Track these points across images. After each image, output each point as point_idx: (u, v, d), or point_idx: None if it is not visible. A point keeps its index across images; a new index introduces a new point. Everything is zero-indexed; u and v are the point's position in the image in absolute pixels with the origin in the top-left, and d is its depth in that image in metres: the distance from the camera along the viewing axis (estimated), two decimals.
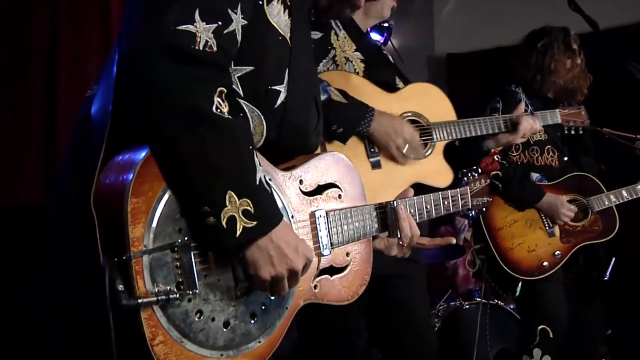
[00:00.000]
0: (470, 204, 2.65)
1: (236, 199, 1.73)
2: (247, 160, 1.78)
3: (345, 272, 2.19)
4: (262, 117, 1.96)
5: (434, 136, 3.24)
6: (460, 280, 6.49)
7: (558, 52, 4.35)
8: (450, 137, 3.27)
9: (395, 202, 2.35)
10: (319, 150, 2.26)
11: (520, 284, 4.18)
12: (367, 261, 2.27)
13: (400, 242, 2.32)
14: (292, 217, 2.03)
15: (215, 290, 1.84)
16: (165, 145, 1.72)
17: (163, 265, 1.75)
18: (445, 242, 2.54)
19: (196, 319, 1.80)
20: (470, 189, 2.65)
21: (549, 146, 4.28)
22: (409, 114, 3.26)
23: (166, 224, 1.76)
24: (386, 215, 2.31)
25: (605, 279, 4.44)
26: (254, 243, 1.79)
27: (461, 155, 3.30)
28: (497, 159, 3.36)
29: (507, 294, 4.49)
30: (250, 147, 1.80)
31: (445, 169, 3.27)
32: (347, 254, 2.20)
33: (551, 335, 4.06)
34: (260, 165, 1.82)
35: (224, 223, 1.72)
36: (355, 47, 3.26)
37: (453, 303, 5.46)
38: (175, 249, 1.76)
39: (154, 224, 1.75)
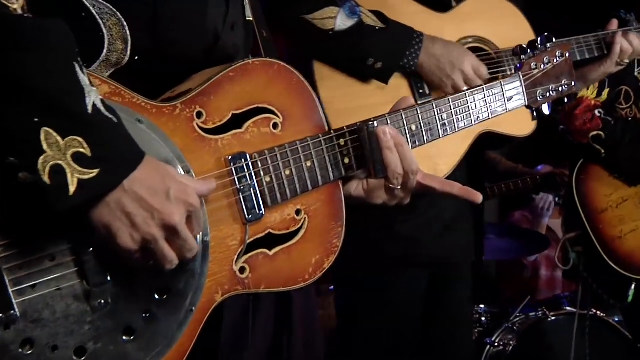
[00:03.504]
0: (525, 99, 1.87)
1: (58, 137, 1.32)
2: (67, 76, 1.36)
3: (296, 238, 1.67)
4: (119, 14, 1.54)
5: (507, 68, 2.81)
6: (544, 284, 5.61)
7: None
8: None
9: (374, 122, 1.71)
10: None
11: (633, 287, 3.50)
12: (336, 217, 1.73)
13: (390, 185, 1.75)
14: (189, 171, 1.53)
15: (53, 303, 1.42)
16: None
17: None
18: (465, 193, 1.79)
19: (22, 351, 1.39)
20: (524, 74, 1.86)
21: None
22: (470, 40, 2.85)
23: None
24: (362, 145, 1.73)
25: None
26: (102, 201, 1.38)
27: None
28: (598, 114, 2.87)
29: (614, 301, 3.69)
30: (72, 61, 1.38)
31: (524, 113, 2.65)
32: (298, 212, 1.68)
33: None
34: (93, 86, 1.39)
35: (45, 178, 1.31)
36: None
37: (534, 314, 4.59)
38: None
39: None
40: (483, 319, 4.65)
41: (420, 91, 2.66)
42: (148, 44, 1.58)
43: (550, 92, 1.99)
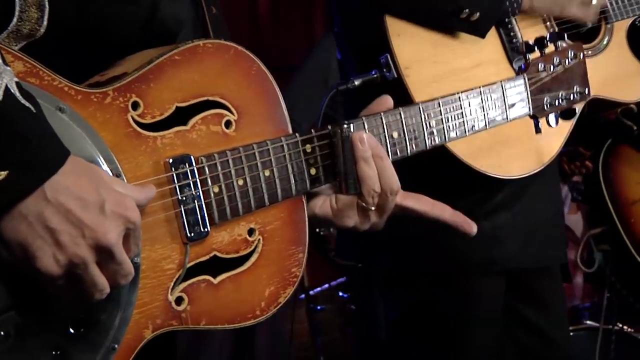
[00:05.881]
0: (530, 107, 1.77)
1: None
2: None
3: (248, 264, 1.52)
4: None
5: (611, 13, 2.63)
6: None
7: None
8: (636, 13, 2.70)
9: (349, 126, 1.57)
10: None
11: None
12: (297, 240, 1.58)
13: (363, 204, 1.59)
14: (119, 174, 1.38)
15: None
16: None
17: None
18: (458, 219, 1.64)
19: None
20: (529, 77, 1.77)
21: None
22: None
23: None
24: (332, 153, 1.59)
25: None
26: (16, 213, 1.24)
27: None
28: None
29: None
30: None
31: (635, 71, 2.60)
32: (251, 232, 1.54)
33: None
34: (6, 65, 1.27)
35: None
36: None
37: None
38: None
39: None
40: None
41: (514, 47, 2.43)
42: (69, 13, 1.45)
43: (560, 101, 1.88)
